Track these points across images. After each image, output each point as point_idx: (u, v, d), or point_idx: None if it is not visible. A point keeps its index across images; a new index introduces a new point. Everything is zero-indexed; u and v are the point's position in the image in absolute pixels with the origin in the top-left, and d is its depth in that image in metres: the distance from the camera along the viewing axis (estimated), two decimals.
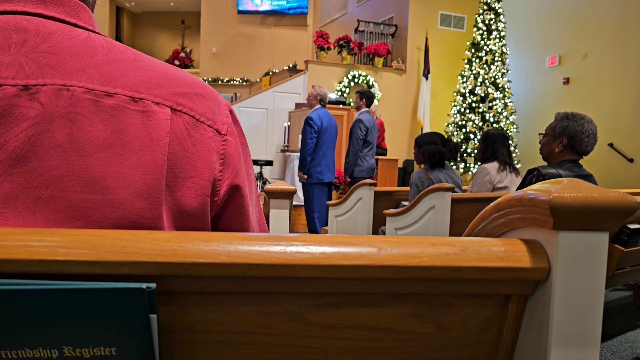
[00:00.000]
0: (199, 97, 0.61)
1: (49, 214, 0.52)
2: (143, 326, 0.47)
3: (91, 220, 0.53)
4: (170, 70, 0.61)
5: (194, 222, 0.59)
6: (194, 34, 15.38)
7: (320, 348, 0.58)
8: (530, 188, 0.59)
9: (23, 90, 0.52)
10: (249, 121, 8.53)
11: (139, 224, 0.54)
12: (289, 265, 0.53)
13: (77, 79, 0.54)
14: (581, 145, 2.45)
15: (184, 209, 0.58)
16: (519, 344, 0.63)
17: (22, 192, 0.51)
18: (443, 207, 3.07)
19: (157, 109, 0.57)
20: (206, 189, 0.59)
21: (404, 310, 0.59)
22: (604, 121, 7.17)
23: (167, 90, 0.58)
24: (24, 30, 0.55)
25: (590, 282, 0.57)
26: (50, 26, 0.56)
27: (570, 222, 0.55)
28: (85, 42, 0.57)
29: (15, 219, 0.51)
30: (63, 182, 0.52)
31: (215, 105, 0.63)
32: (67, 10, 0.58)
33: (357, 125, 5.32)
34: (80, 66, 0.55)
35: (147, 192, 0.54)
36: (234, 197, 0.64)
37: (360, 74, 9.13)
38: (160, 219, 0.56)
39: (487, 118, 8.47)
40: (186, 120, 0.59)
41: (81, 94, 0.53)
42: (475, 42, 8.72)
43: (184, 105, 0.59)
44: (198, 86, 0.62)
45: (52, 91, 0.53)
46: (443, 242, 0.58)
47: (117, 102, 0.55)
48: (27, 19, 0.55)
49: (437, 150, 3.65)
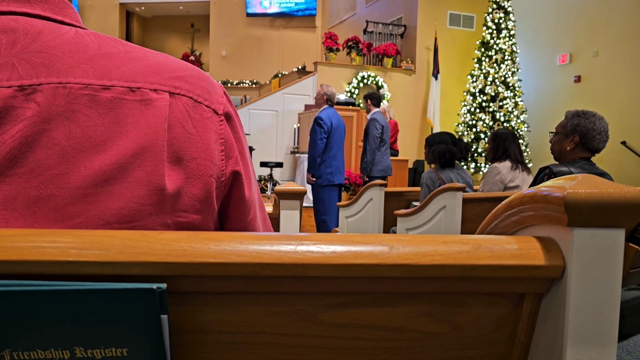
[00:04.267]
0: (194, 79, 0.61)
1: (50, 213, 0.51)
2: (154, 327, 0.47)
3: (92, 213, 0.52)
4: (161, 59, 0.61)
5: (199, 203, 0.59)
6: (203, 37, 15.47)
7: (332, 348, 0.58)
8: (543, 185, 0.58)
9: (19, 91, 0.52)
10: (259, 123, 8.56)
11: (141, 212, 0.54)
12: (300, 265, 0.52)
13: (73, 76, 0.54)
14: (593, 142, 2.45)
15: (191, 191, 0.58)
16: (533, 343, 0.62)
17: (21, 193, 0.51)
18: (454, 207, 3.05)
19: (155, 95, 0.57)
20: (210, 169, 0.60)
21: (416, 310, 0.59)
22: (617, 119, 7.10)
23: (162, 76, 0.58)
24: (12, 31, 0.54)
25: (607, 280, 0.56)
26: (37, 25, 0.56)
27: (585, 218, 0.54)
28: (75, 38, 0.56)
29: (16, 220, 0.51)
30: (62, 179, 0.51)
31: (210, 86, 0.63)
32: (52, 7, 0.58)
33: (373, 124, 5.29)
34: (73, 62, 0.54)
35: (147, 179, 0.54)
36: (237, 179, 0.64)
37: (369, 74, 9.13)
38: (163, 204, 0.55)
39: (498, 117, 8.43)
40: (185, 102, 0.59)
41: (78, 90, 0.53)
42: (485, 41, 8.68)
43: (181, 87, 0.59)
44: (191, 69, 0.62)
45: (48, 90, 0.52)
46: (455, 240, 0.57)
47: (114, 94, 0.54)
48: (13, 19, 0.55)
49: (448, 150, 3.63)
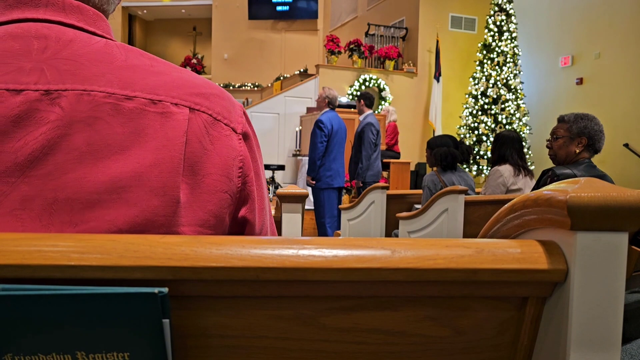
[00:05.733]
0: (215, 97, 0.62)
1: (65, 216, 0.52)
2: (156, 331, 0.47)
3: (105, 219, 0.53)
4: (184, 75, 0.62)
5: (214, 219, 0.60)
6: (205, 40, 15.50)
7: (334, 352, 0.58)
8: (546, 188, 0.58)
9: (45, 95, 0.53)
10: (261, 126, 8.55)
11: (154, 222, 0.55)
12: (302, 269, 0.52)
13: (97, 84, 0.55)
14: (599, 143, 2.55)
15: (205, 206, 0.59)
16: (537, 347, 0.62)
17: (39, 195, 0.52)
18: (456, 210, 3.05)
19: (176, 109, 0.58)
20: (226, 185, 0.61)
21: (418, 314, 0.58)
22: (619, 121, 7.09)
23: (184, 91, 0.60)
24: (45, 38, 0.56)
25: (610, 284, 0.56)
26: (69, 34, 0.58)
27: (588, 222, 0.54)
28: (104, 49, 0.58)
29: (32, 220, 0.52)
30: (79, 184, 0.53)
31: (231, 105, 0.64)
32: (86, 18, 0.61)
33: (369, 128, 5.24)
34: (99, 72, 0.56)
35: (163, 190, 0.55)
36: (249, 195, 0.66)
37: (371, 77, 9.13)
38: (175, 216, 0.56)
39: (500, 120, 8.42)
40: (204, 118, 0.60)
41: (101, 99, 0.55)
42: (487, 44, 8.68)
43: (201, 104, 0.60)
44: (213, 87, 0.64)
45: (73, 96, 0.54)
46: (458, 244, 0.57)
47: (136, 104, 0.56)
48: (47, 27, 0.57)
49: (449, 152, 3.63)
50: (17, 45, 0.55)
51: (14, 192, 0.52)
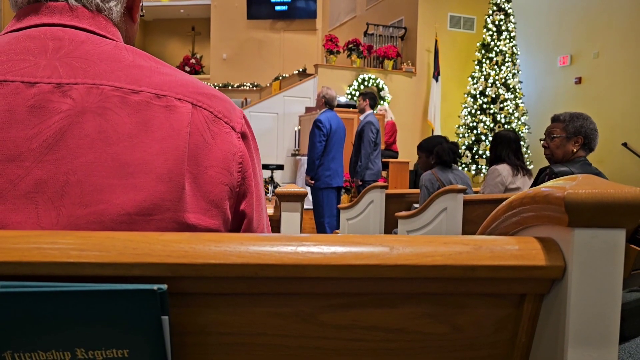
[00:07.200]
0: (216, 98, 0.67)
1: (76, 197, 0.56)
2: (155, 328, 0.47)
3: (115, 202, 0.57)
4: (188, 78, 0.68)
5: (216, 209, 0.63)
6: (204, 40, 15.47)
7: (333, 349, 0.58)
8: (544, 185, 0.58)
9: (57, 88, 0.58)
10: (260, 126, 8.55)
11: (161, 206, 0.58)
12: (301, 266, 0.52)
13: (106, 79, 0.60)
14: (594, 142, 2.61)
15: (207, 196, 0.62)
16: (534, 344, 0.62)
17: (52, 178, 0.56)
18: (455, 209, 3.05)
19: (179, 104, 0.62)
20: (226, 177, 0.64)
21: (417, 311, 0.59)
22: (618, 120, 7.09)
23: (187, 89, 0.64)
24: (59, 39, 0.62)
25: (608, 280, 0.56)
26: (82, 36, 0.64)
27: (586, 219, 0.54)
28: (113, 50, 0.64)
29: (45, 202, 0.56)
30: (90, 167, 0.57)
31: (231, 107, 0.69)
32: (98, 24, 0.67)
33: (369, 127, 5.24)
34: (108, 69, 0.61)
35: (169, 177, 0.59)
36: (248, 189, 0.69)
37: (370, 77, 9.12)
38: (181, 201, 0.60)
39: (499, 119, 8.42)
40: (206, 115, 0.64)
41: (110, 92, 0.59)
42: (486, 43, 8.68)
43: (203, 102, 0.65)
44: (216, 91, 0.69)
45: (83, 89, 0.59)
46: (456, 241, 0.57)
47: (142, 98, 0.60)
48: (61, 30, 0.63)
49: (450, 147, 3.62)
50: (34, 45, 0.61)
51: (28, 176, 0.55)
